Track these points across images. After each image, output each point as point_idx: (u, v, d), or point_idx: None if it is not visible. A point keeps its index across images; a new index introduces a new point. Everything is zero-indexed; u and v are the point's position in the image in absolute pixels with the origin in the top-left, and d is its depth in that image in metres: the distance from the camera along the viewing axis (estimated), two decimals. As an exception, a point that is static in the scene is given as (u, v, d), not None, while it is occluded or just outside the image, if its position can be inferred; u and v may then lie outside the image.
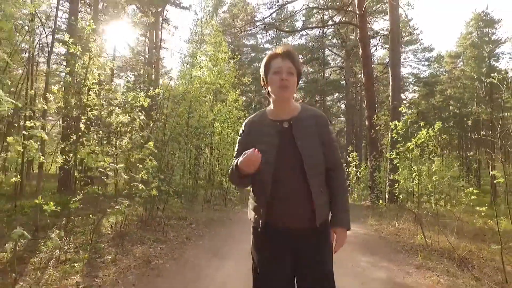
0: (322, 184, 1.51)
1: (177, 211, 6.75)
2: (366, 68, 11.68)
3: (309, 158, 1.43)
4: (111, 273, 3.27)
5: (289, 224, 1.45)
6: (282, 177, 1.44)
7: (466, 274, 3.26)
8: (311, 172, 1.43)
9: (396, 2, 10.20)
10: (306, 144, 1.46)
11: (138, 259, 3.72)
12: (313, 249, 1.47)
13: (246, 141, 1.58)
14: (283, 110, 1.54)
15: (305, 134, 1.48)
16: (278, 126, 1.51)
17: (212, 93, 10.68)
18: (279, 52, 1.52)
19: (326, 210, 1.51)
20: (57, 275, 3.14)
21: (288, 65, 1.48)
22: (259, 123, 1.58)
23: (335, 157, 1.56)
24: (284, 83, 1.45)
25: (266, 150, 1.43)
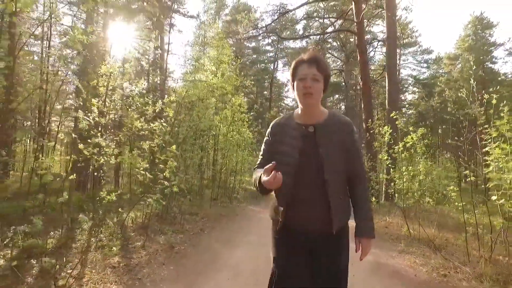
0: (342, 192, 1.52)
1: (188, 207, 7.41)
2: (363, 73, 12.33)
3: (329, 164, 1.44)
4: (143, 256, 3.94)
5: (306, 227, 1.48)
6: (302, 181, 1.46)
7: (437, 256, 3.93)
8: (331, 178, 1.44)
9: (391, 12, 10.83)
10: (328, 151, 1.46)
11: (163, 245, 4.39)
12: (328, 255, 1.49)
13: (271, 142, 1.62)
14: (310, 115, 1.55)
15: (328, 140, 1.49)
16: (303, 130, 1.53)
17: (217, 97, 11.31)
18: (304, 58, 1.53)
19: (345, 217, 1.53)
20: (99, 257, 3.79)
21: (313, 72, 1.48)
22: (285, 125, 1.60)
23: (358, 165, 1.57)
24: (308, 91, 1.47)
25: (289, 152, 1.50)
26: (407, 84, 34.45)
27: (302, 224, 1.47)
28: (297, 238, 1.49)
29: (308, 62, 1.50)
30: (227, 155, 11.09)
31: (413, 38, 33.26)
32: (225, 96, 11.51)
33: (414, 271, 3.59)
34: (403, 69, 34.17)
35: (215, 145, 11.27)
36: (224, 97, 11.57)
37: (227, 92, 11.00)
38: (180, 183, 4.93)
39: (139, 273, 3.40)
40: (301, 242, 1.49)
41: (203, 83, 10.49)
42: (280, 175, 1.34)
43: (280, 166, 1.43)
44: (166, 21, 17.42)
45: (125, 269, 3.49)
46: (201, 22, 22.53)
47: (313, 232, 1.47)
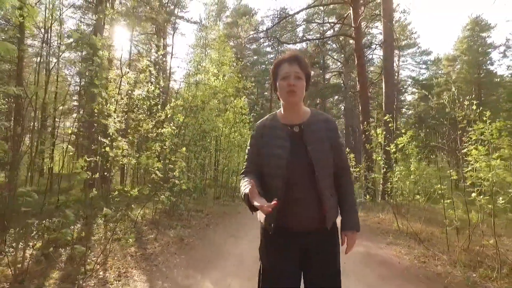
0: (331, 187, 1.54)
1: (193, 205, 7.86)
2: (360, 76, 12.77)
3: (319, 162, 1.45)
4: (156, 247, 4.39)
5: (299, 227, 1.48)
6: (294, 181, 1.46)
7: (420, 247, 4.37)
8: (321, 175, 1.45)
9: (387, 18, 11.26)
10: (316, 149, 1.48)
11: (173, 238, 4.83)
12: (322, 250, 1.51)
13: (259, 144, 1.60)
14: (293, 114, 1.56)
15: (315, 138, 1.50)
16: (289, 130, 1.54)
17: (220, 99, 11.73)
18: (285, 57, 1.55)
19: (335, 212, 1.55)
20: (117, 247, 4.24)
21: (296, 70, 1.49)
22: (271, 126, 1.59)
23: (343, 160, 1.60)
24: (292, 88, 1.47)
25: (278, 154, 1.49)
26: (406, 85, 34.87)
27: (296, 224, 1.47)
28: (291, 239, 1.49)
29: (289, 61, 1.51)
30: (229, 155, 11.51)
31: (412, 39, 33.68)
32: (227, 98, 11.93)
33: (398, 259, 4.03)
34: (402, 70, 34.65)
35: (217, 146, 11.70)
36: (226, 99, 11.99)
37: (230, 95, 11.43)
38: (188, 182, 5.36)
39: (155, 260, 3.85)
40: (296, 243, 1.49)
41: (206, 86, 10.91)
42: (272, 208, 1.24)
43: (269, 169, 1.51)
44: (169, 25, 17.87)
45: (142, 257, 3.94)
46: (202, 25, 22.91)
47: (306, 230, 1.48)
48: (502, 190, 3.93)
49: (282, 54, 1.85)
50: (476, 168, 4.34)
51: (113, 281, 3.15)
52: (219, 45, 13.28)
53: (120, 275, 3.31)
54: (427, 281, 3.27)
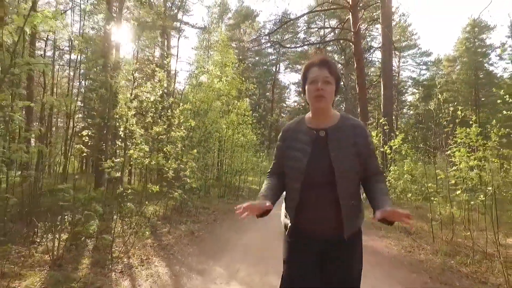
0: (355, 197, 1.47)
1: (200, 203, 8.35)
2: (359, 79, 13.23)
3: (341, 169, 1.40)
4: (170, 239, 4.87)
5: (316, 232, 1.47)
6: (312, 186, 1.43)
7: (408, 239, 4.85)
8: (342, 184, 1.40)
9: (385, 24, 11.70)
10: (340, 155, 1.43)
11: (185, 231, 5.32)
12: (340, 261, 1.46)
13: (282, 147, 1.61)
14: (321, 118, 1.53)
15: (340, 144, 1.45)
16: (314, 134, 1.51)
17: (224, 101, 12.20)
18: (315, 61, 1.52)
19: (357, 223, 1.49)
20: (135, 239, 4.72)
21: (325, 74, 1.46)
22: (296, 130, 1.58)
23: (375, 165, 1.54)
24: (319, 93, 1.45)
25: (298, 157, 1.47)
26: (407, 86, 35.27)
27: (312, 229, 1.47)
28: (308, 242, 1.48)
29: (318, 65, 1.49)
30: (233, 156, 11.98)
31: (412, 41, 34.11)
32: (230, 100, 12.38)
33: (387, 250, 4.50)
34: (402, 71, 35.08)
35: (220, 146, 12.16)
36: (229, 101, 12.44)
37: (233, 98, 11.90)
38: (197, 180, 5.84)
39: (170, 250, 4.34)
40: (312, 246, 1.48)
41: (209, 88, 11.36)
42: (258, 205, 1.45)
43: (289, 171, 1.52)
44: (175, 31, 18.38)
45: (159, 247, 4.43)
46: (206, 30, 23.41)
47: (324, 237, 1.45)
48: (481, 188, 4.41)
49: (311, 56, 1.98)
50: (459, 168, 4.81)
51: (137, 266, 3.64)
52: (222, 47, 13.69)
53: (143, 261, 3.80)
54: (410, 266, 3.74)
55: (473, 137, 4.43)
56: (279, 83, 37.51)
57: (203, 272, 3.59)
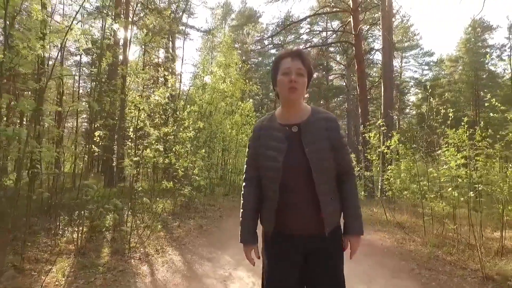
0: (332, 191, 1.47)
1: (206, 200, 8.75)
2: (360, 81, 13.58)
3: (317, 164, 1.38)
4: (181, 232, 5.28)
5: (297, 232, 1.44)
6: (290, 184, 1.41)
7: (401, 232, 5.21)
8: (320, 179, 1.38)
9: (386, 30, 12.04)
10: (314, 150, 1.40)
11: (194, 226, 5.72)
12: (323, 257, 1.45)
13: (255, 146, 1.55)
14: (292, 113, 1.48)
15: (314, 139, 1.42)
16: (287, 131, 1.46)
17: (228, 102, 12.57)
18: (288, 52, 1.48)
19: (337, 217, 1.48)
20: (148, 232, 5.12)
21: (298, 66, 1.41)
22: (269, 127, 1.53)
23: (346, 162, 1.50)
24: (293, 85, 1.39)
25: (274, 157, 1.42)
26: (409, 86, 35.44)
27: (294, 229, 1.44)
28: (290, 243, 1.46)
29: (291, 56, 1.44)
30: (236, 156, 12.36)
31: (415, 41, 34.25)
32: (234, 101, 12.74)
33: (381, 242, 4.88)
34: (405, 71, 35.28)
35: (224, 146, 12.53)
36: (233, 102, 12.79)
37: (237, 100, 12.29)
38: (205, 179, 6.23)
39: (182, 241, 4.74)
40: (294, 247, 1.45)
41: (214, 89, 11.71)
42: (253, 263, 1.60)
43: (265, 172, 1.47)
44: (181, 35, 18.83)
45: (171, 239, 4.83)
46: (211, 33, 23.83)
47: (306, 235, 1.43)
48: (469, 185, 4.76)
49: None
50: (450, 167, 5.17)
51: (153, 254, 4.05)
52: (226, 49, 13.98)
53: (158, 251, 4.20)
54: (400, 256, 4.12)
55: (460, 137, 4.78)
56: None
57: (213, 259, 3.98)
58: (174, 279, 3.32)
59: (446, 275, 3.35)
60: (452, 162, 4.95)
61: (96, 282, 3.14)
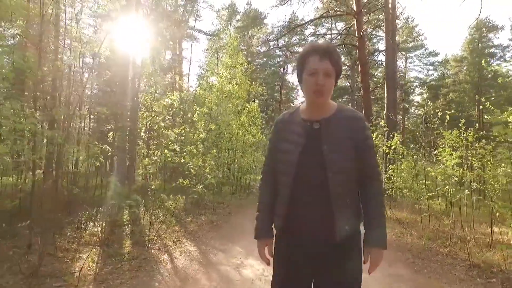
0: (350, 194, 1.36)
1: (214, 198, 9.15)
2: (364, 83, 13.91)
3: (334, 164, 1.29)
4: (194, 226, 5.67)
5: (307, 233, 1.35)
6: (303, 181, 1.33)
7: (400, 227, 5.56)
8: (335, 179, 1.29)
9: (389, 34, 12.34)
10: (333, 149, 1.31)
11: (205, 221, 6.11)
12: (333, 266, 1.33)
13: (274, 139, 1.51)
14: (316, 109, 1.40)
15: (335, 137, 1.34)
16: (308, 126, 1.39)
17: (235, 104, 12.94)
18: (316, 49, 1.35)
19: (354, 224, 1.36)
20: (163, 227, 5.51)
21: (326, 66, 1.31)
22: (289, 121, 1.47)
23: (370, 165, 1.40)
24: (319, 89, 1.31)
25: (290, 150, 1.37)
26: (413, 86, 35.51)
27: (303, 230, 1.35)
28: (300, 244, 1.37)
29: (320, 54, 1.32)
30: (243, 155, 12.72)
31: (419, 41, 34.32)
32: (240, 102, 13.12)
33: (381, 236, 5.22)
34: (409, 71, 35.37)
35: (231, 147, 12.90)
36: (239, 103, 13.17)
37: (244, 101, 12.67)
38: (215, 177, 6.63)
39: (195, 234, 5.14)
40: (304, 248, 1.36)
41: (221, 91, 12.09)
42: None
43: (280, 165, 1.42)
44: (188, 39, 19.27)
45: (185, 232, 5.23)
46: (217, 34, 24.27)
47: (316, 238, 1.33)
48: (464, 183, 5.10)
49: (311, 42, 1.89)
50: (446, 166, 5.50)
51: (171, 245, 4.45)
52: (232, 51, 14.25)
53: (175, 242, 4.60)
54: (397, 247, 4.46)
55: (454, 139, 5.11)
56: (287, 84, 38.08)
57: (225, 250, 4.37)
58: (192, 266, 3.71)
59: (437, 264, 3.69)
60: (448, 161, 5.29)
61: (124, 268, 3.54)
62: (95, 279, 3.19)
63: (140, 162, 8.68)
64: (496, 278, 3.16)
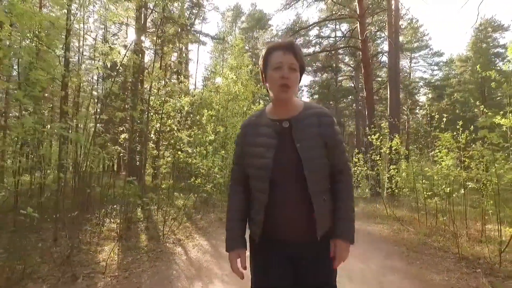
0: (326, 191, 1.37)
1: (221, 197, 9.52)
2: (367, 85, 14.18)
3: (309, 162, 1.28)
4: (204, 223, 6.04)
5: (286, 235, 1.34)
6: (280, 183, 1.31)
7: (398, 224, 5.87)
8: (312, 177, 1.28)
9: (391, 37, 12.60)
10: (306, 146, 1.30)
11: (214, 218, 6.48)
12: (313, 264, 1.35)
13: (242, 144, 1.45)
14: (283, 108, 1.38)
15: (306, 135, 1.32)
16: (278, 126, 1.36)
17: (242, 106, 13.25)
18: (280, 44, 1.35)
19: (329, 220, 1.36)
20: (176, 224, 5.89)
21: (290, 60, 1.30)
22: (257, 123, 1.43)
23: (340, 159, 1.39)
24: (285, 82, 1.29)
25: (262, 154, 1.33)
26: (418, 87, 35.55)
27: (283, 232, 1.34)
28: (277, 247, 1.36)
29: (283, 49, 1.32)
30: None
31: (424, 41, 34.36)
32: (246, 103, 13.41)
33: (380, 232, 5.55)
34: (414, 71, 35.41)
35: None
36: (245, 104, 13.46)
37: (250, 103, 12.99)
38: (223, 177, 7.00)
39: (206, 230, 5.51)
40: (283, 252, 1.36)
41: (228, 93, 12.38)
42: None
43: (253, 170, 1.38)
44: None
45: (196, 228, 5.60)
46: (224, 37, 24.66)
47: (296, 239, 1.34)
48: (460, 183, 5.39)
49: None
50: (442, 167, 5.80)
51: (184, 239, 4.82)
52: (237, 52, 14.43)
53: (187, 237, 4.97)
54: (394, 242, 4.79)
55: (448, 140, 5.42)
56: (291, 85, 38.33)
57: (234, 244, 4.72)
58: (204, 257, 4.08)
59: (429, 256, 4.01)
60: (443, 162, 5.60)
61: (143, 259, 3.91)
62: (119, 268, 3.57)
63: (148, 163, 9.08)
64: (481, 268, 3.47)
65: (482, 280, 3.14)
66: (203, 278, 3.37)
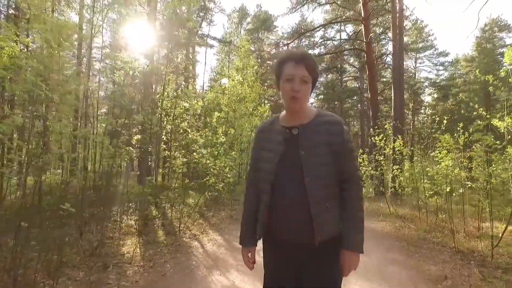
0: (330, 198, 1.38)
1: (230, 196, 9.88)
2: (371, 87, 14.45)
3: (311, 169, 1.33)
4: (216, 220, 6.40)
5: (287, 238, 1.40)
6: (281, 188, 1.38)
7: (400, 221, 6.18)
8: (313, 184, 1.32)
9: (395, 41, 12.86)
10: (311, 154, 1.35)
11: (225, 216, 6.84)
12: (315, 270, 1.39)
13: (255, 148, 1.56)
14: (295, 116, 1.43)
15: (312, 142, 1.37)
16: (287, 133, 1.42)
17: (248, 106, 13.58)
18: (292, 56, 1.39)
19: (333, 227, 1.38)
20: (191, 221, 6.24)
21: (302, 73, 1.34)
22: (269, 130, 1.51)
23: (348, 168, 1.42)
24: (295, 95, 1.34)
25: (269, 158, 1.42)
26: (423, 87, 35.56)
27: (284, 234, 1.40)
28: (283, 248, 1.43)
29: (296, 61, 1.36)
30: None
31: (429, 41, 34.36)
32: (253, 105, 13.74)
33: (382, 228, 5.87)
34: (419, 71, 35.43)
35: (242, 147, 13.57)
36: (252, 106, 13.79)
37: (256, 104, 13.34)
38: (233, 176, 7.35)
39: (218, 226, 5.87)
40: (288, 255, 1.42)
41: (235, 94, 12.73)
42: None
43: (261, 173, 1.45)
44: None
45: (209, 225, 5.96)
46: (231, 41, 25.06)
47: (296, 244, 1.39)
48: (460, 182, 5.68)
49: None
50: (441, 167, 6.09)
51: (199, 234, 5.18)
52: (243, 53, 14.68)
53: (202, 232, 5.33)
54: (395, 238, 5.10)
55: (448, 142, 5.71)
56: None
57: (245, 239, 5.07)
58: (219, 250, 4.44)
59: (428, 250, 4.33)
60: (443, 162, 5.89)
61: (163, 251, 4.28)
62: (143, 259, 3.94)
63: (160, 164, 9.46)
64: (474, 260, 3.78)
65: (474, 270, 3.46)
66: (220, 268, 3.73)
